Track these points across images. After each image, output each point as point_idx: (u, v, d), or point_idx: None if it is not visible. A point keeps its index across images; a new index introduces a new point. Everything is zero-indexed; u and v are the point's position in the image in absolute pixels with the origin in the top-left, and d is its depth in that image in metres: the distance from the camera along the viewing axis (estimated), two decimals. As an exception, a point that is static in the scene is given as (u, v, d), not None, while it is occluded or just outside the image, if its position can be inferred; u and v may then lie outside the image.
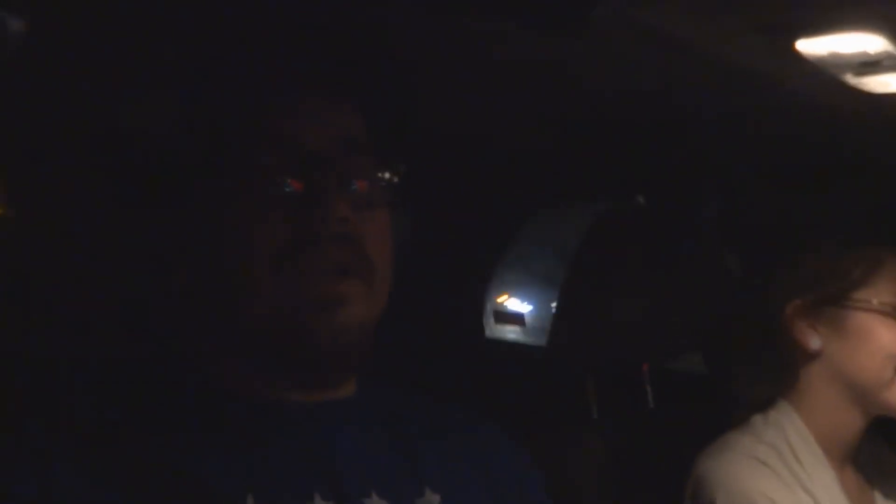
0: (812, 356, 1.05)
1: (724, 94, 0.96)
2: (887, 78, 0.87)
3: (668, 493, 1.07)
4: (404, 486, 0.66)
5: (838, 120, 0.99)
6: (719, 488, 0.98)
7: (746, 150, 1.17)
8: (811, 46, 0.80)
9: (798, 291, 1.06)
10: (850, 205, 1.14)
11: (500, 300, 1.66)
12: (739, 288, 1.20)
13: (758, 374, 1.10)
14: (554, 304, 1.39)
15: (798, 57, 0.82)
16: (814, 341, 1.04)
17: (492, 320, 1.63)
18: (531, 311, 1.70)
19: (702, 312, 1.21)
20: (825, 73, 0.86)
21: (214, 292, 0.66)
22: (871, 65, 0.83)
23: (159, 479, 0.59)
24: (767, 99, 0.96)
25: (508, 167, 1.28)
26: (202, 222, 0.66)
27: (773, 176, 1.28)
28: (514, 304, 1.70)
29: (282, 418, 0.65)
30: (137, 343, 0.77)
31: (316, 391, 0.67)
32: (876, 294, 1.03)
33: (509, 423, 0.86)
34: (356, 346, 0.66)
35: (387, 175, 0.69)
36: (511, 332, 1.64)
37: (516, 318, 1.68)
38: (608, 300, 1.20)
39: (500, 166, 1.28)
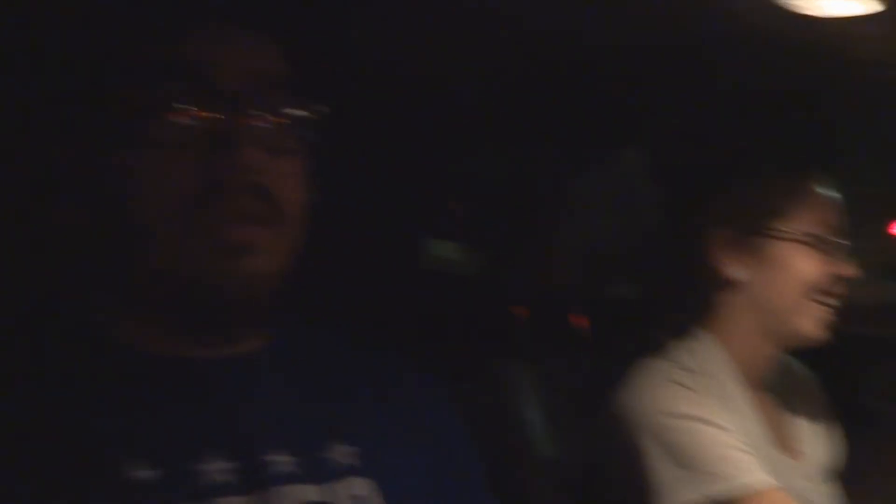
0: (733, 285, 1.06)
1: (658, 18, 0.93)
2: (826, 2, 0.84)
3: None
4: (317, 440, 0.63)
5: (775, 45, 0.97)
6: (639, 415, 0.99)
7: (679, 74, 1.14)
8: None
9: (724, 221, 1.06)
10: (777, 134, 1.14)
11: (434, 231, 1.63)
12: (669, 218, 1.19)
13: (682, 302, 1.11)
14: (488, 236, 1.36)
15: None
16: (738, 271, 1.05)
17: (426, 251, 1.61)
18: (464, 243, 1.67)
19: (634, 242, 1.21)
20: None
21: (113, 236, 0.61)
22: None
23: (44, 440, 0.55)
24: (705, 23, 0.92)
25: (440, 104, 1.23)
26: (104, 158, 0.60)
27: (704, 104, 1.27)
28: (448, 235, 1.67)
29: (181, 376, 0.61)
30: (28, 289, 0.71)
31: (220, 345, 0.63)
32: (799, 224, 1.04)
33: (438, 359, 0.84)
34: (262, 296, 0.62)
35: (305, 114, 0.64)
36: (443, 264, 1.61)
37: (449, 250, 1.65)
38: (543, 231, 1.18)
39: (431, 101, 1.24)
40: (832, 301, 1.04)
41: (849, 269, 1.04)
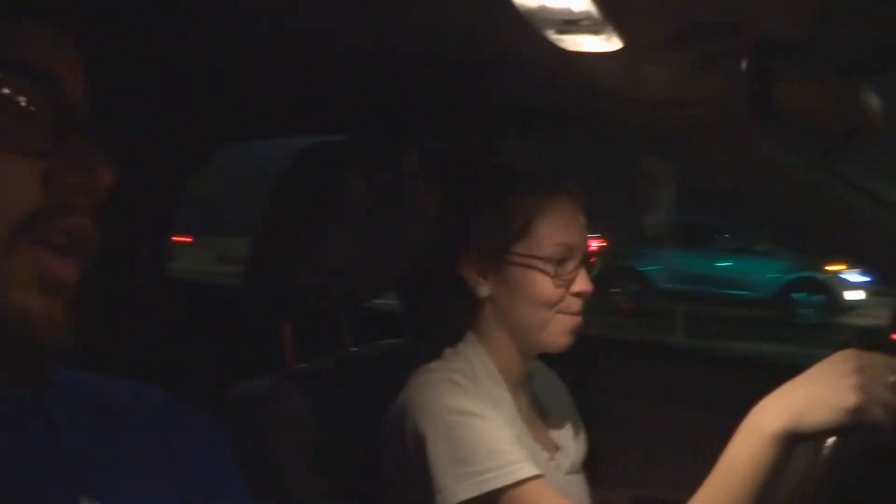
0: (483, 301, 1.13)
1: (438, 38, 0.95)
2: (582, 38, 0.91)
3: (375, 435, 1.08)
4: (56, 496, 0.57)
5: (535, 73, 1.04)
6: (422, 412, 1.02)
7: (451, 95, 1.18)
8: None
9: (470, 241, 1.12)
10: (520, 156, 1.21)
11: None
12: (433, 233, 1.22)
13: (448, 313, 1.17)
14: (249, 244, 1.29)
15: (510, 7, 0.83)
16: (482, 289, 1.12)
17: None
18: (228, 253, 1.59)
19: (401, 254, 1.22)
20: (531, 27, 0.88)
21: None
22: (572, 23, 0.87)
23: None
24: (479, 46, 0.97)
25: (199, 102, 1.16)
26: None
27: (469, 123, 1.32)
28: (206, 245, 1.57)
29: None
30: None
31: None
32: (533, 247, 1.10)
33: (205, 383, 0.79)
34: (56, 340, 0.54)
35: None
36: (202, 277, 1.51)
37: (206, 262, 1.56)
38: (308, 241, 1.15)
39: (187, 102, 1.16)
40: (572, 313, 1.13)
41: (585, 286, 1.13)
